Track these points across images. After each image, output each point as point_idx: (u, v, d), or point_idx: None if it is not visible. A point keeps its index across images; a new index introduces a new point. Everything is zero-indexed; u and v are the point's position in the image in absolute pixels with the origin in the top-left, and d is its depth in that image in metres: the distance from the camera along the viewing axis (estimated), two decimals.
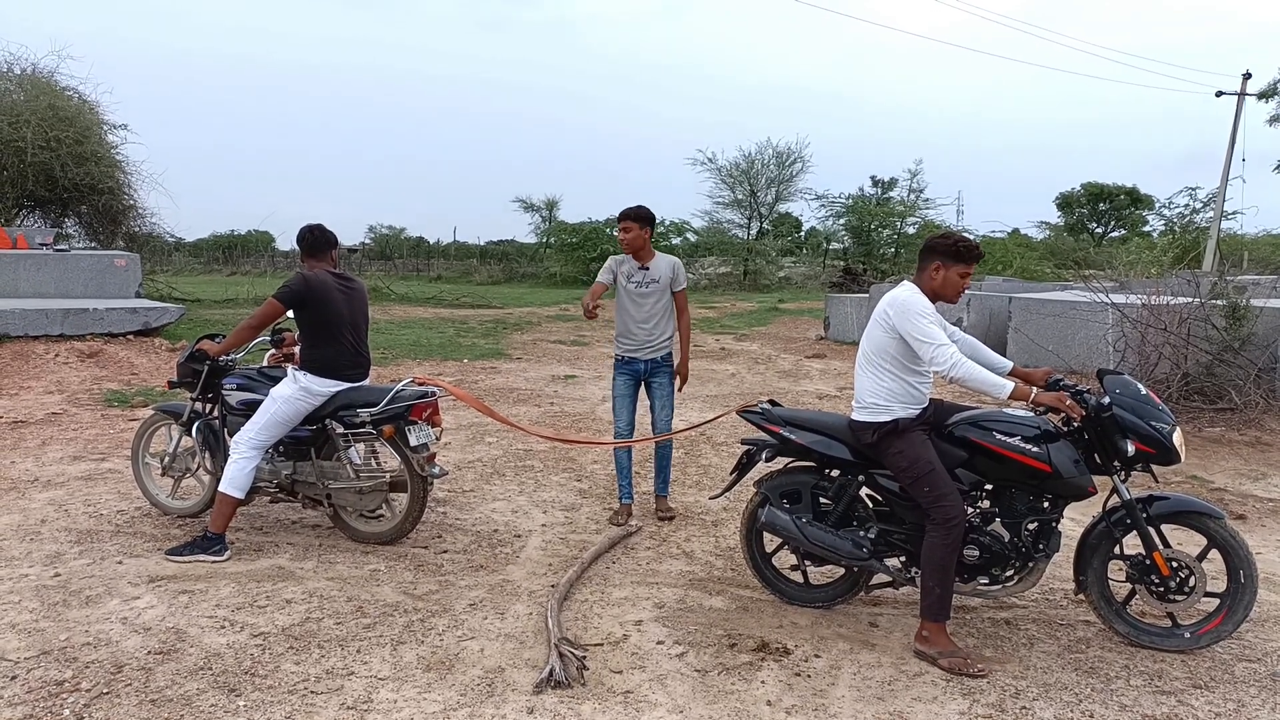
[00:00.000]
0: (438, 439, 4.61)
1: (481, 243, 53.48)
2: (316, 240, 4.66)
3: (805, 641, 3.58)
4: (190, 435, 4.87)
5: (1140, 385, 3.53)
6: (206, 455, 4.82)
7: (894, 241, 36.70)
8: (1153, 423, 3.37)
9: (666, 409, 5.16)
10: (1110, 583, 3.61)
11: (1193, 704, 3.12)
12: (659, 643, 3.57)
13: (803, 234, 50.88)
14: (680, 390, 5.30)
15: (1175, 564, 3.48)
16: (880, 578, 3.81)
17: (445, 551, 4.58)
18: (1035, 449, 3.39)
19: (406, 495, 4.54)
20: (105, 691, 3.07)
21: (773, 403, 4.03)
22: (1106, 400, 3.41)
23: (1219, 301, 8.36)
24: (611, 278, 5.14)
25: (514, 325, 16.73)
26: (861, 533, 3.70)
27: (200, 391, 4.82)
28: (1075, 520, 4.61)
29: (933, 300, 3.53)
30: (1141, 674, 3.34)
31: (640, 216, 5.05)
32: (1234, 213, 31.03)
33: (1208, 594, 3.49)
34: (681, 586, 4.18)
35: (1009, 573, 3.58)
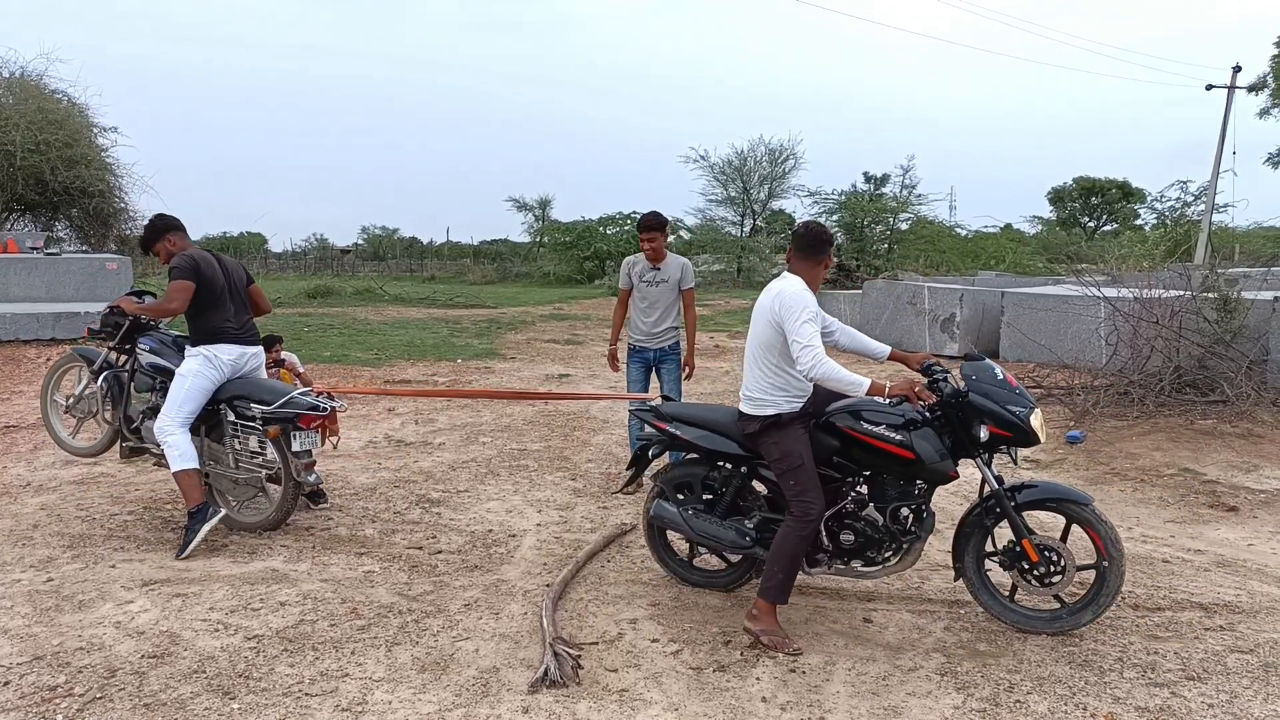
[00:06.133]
0: (335, 447, 4.80)
1: (475, 242, 53.45)
2: (178, 222, 4.83)
3: (800, 638, 3.58)
4: (97, 382, 4.97)
5: (998, 369, 3.61)
6: (109, 405, 4.93)
7: (887, 238, 36.69)
8: (1009, 406, 3.46)
9: (674, 393, 5.67)
10: (989, 566, 3.71)
11: (1185, 695, 3.13)
12: (654, 641, 3.57)
13: None
14: (688, 379, 5.80)
15: (1042, 548, 3.55)
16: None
17: (440, 552, 4.57)
18: (899, 436, 3.48)
19: (279, 491, 4.68)
20: (99, 696, 3.06)
21: (666, 398, 4.22)
22: (964, 387, 3.49)
23: (1210, 294, 8.37)
24: (628, 279, 5.79)
25: (508, 325, 16.71)
26: (746, 523, 3.83)
27: (118, 343, 4.91)
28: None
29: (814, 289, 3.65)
30: (1135, 666, 3.35)
31: (660, 225, 5.67)
32: (1225, 205, 31.15)
33: (1080, 567, 3.55)
34: (676, 584, 4.18)
35: (886, 554, 3.68)
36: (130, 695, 3.07)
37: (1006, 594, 3.72)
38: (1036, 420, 3.48)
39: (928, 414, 3.53)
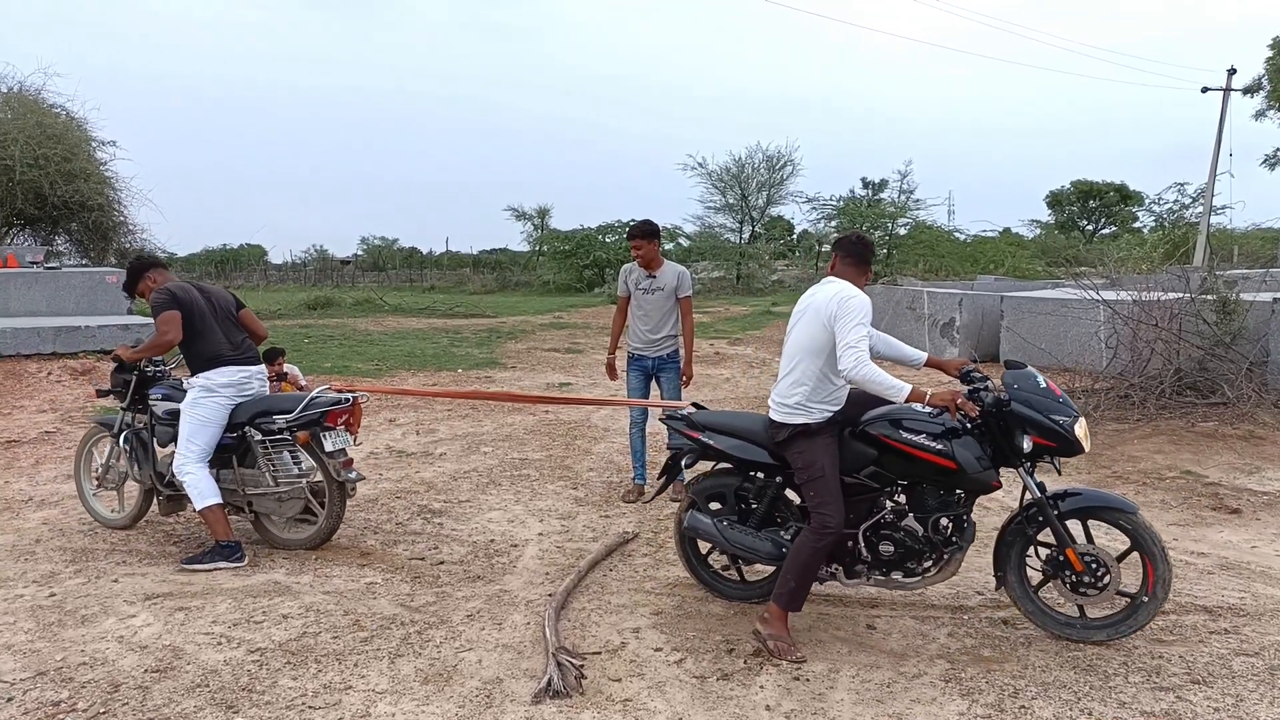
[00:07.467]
0: (355, 443, 4.74)
1: (474, 252, 53.52)
2: (157, 260, 5.03)
3: (803, 645, 3.57)
4: (121, 446, 4.96)
5: (1040, 377, 3.54)
6: (135, 466, 4.89)
7: (885, 243, 36.74)
8: (1053, 415, 3.38)
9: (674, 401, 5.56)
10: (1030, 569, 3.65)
11: (1191, 700, 3.13)
12: (657, 649, 3.57)
13: (795, 237, 50.93)
14: (686, 387, 5.77)
15: (1087, 558, 3.49)
16: None
17: (442, 563, 4.57)
18: (939, 446, 3.40)
19: (325, 501, 4.63)
20: (102, 711, 3.06)
21: (697, 406, 4.15)
22: (1005, 395, 3.43)
23: (1209, 296, 8.38)
24: (625, 286, 5.80)
25: (508, 334, 16.71)
26: (782, 533, 3.77)
27: (129, 402, 4.91)
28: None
29: None
30: (1140, 670, 3.34)
31: (646, 233, 5.65)
32: (1223, 207, 31.23)
33: (1120, 593, 3.50)
34: (679, 593, 4.17)
35: (926, 564, 3.62)
36: (134, 710, 3.06)
37: (1034, 586, 3.66)
38: (1081, 429, 3.40)
39: (967, 423, 3.46)
